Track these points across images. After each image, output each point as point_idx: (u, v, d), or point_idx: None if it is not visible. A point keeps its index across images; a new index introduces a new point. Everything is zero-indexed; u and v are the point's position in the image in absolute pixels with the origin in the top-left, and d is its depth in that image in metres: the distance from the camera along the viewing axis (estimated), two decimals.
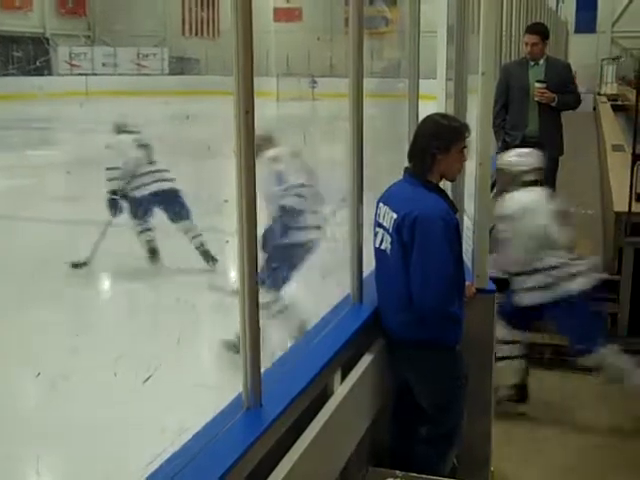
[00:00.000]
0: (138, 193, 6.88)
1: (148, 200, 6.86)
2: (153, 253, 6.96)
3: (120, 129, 7.31)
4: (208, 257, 6.84)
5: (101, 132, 9.72)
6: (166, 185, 6.91)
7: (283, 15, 32.03)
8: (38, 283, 6.04)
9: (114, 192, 6.91)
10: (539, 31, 6.14)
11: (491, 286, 3.67)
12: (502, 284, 5.48)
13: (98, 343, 4.86)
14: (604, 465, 4.17)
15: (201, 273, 6.67)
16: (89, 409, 4.00)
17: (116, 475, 3.21)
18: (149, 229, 7.01)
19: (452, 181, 3.40)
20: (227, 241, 5.84)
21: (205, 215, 7.10)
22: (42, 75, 20.58)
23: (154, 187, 6.85)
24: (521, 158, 4.69)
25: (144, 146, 7.06)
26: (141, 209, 6.96)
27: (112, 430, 3.78)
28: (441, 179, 3.19)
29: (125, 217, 6.98)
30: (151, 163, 6.98)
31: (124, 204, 6.99)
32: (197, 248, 6.85)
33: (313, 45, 28.62)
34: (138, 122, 8.11)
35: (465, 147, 3.15)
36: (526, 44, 6.02)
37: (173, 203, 6.84)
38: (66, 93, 21.79)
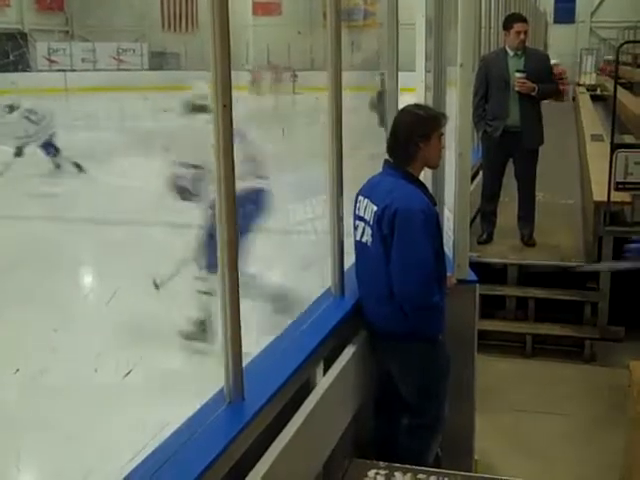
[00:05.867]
0: None
1: None
2: None
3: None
4: None
5: (80, 128, 9.68)
6: None
7: (262, 9, 31.77)
8: (15, 280, 6.00)
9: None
10: (526, 20, 6.22)
11: (472, 276, 3.68)
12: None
13: (77, 339, 4.82)
14: (587, 453, 4.21)
15: None
16: (69, 405, 3.98)
17: (97, 471, 3.19)
18: None
19: (435, 168, 3.44)
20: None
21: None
22: (17, 71, 20.29)
23: None
24: None
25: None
26: None
27: (93, 426, 3.75)
28: (422, 170, 3.22)
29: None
30: None
31: None
32: None
33: (293, 39, 28.45)
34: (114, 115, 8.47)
35: (442, 134, 3.19)
36: (518, 33, 5.96)
37: None
38: (45, 89, 21.55)
